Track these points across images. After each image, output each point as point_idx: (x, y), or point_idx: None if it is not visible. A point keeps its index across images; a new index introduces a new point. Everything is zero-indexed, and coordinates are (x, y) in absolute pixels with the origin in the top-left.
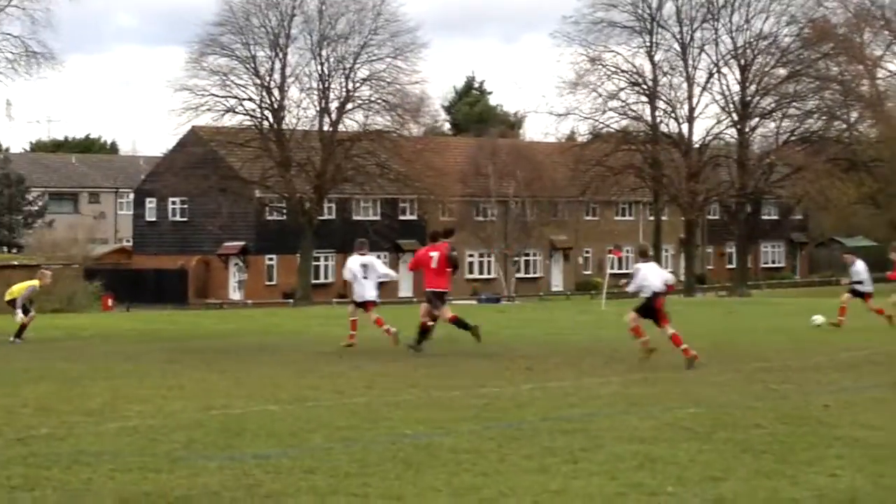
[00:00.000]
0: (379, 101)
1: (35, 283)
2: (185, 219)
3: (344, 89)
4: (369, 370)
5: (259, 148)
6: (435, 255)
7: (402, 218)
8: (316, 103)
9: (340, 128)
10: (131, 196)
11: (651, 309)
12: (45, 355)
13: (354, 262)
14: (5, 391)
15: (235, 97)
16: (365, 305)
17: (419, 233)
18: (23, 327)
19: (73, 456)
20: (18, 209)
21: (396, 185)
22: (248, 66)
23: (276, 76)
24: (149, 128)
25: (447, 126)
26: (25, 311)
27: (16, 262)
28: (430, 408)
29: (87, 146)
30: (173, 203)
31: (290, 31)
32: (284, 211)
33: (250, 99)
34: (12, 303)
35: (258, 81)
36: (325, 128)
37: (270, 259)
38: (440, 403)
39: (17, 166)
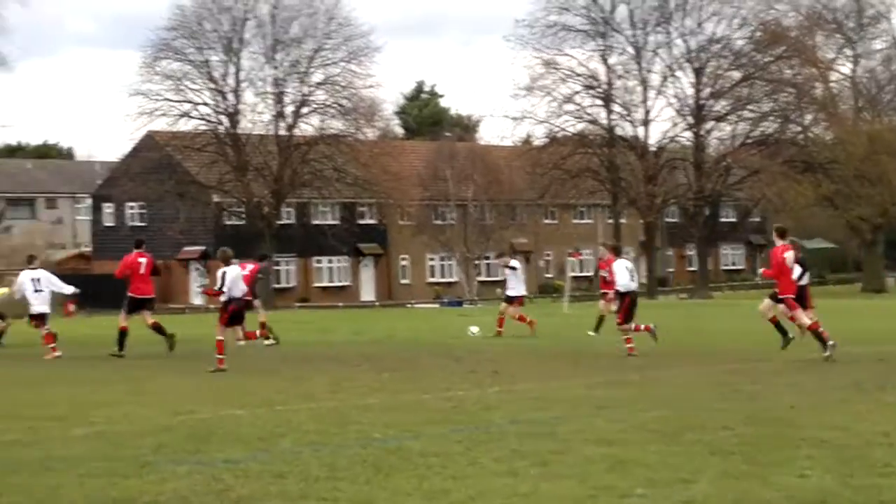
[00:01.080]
0: (334, 105)
1: (5, 290)
2: (143, 224)
3: (299, 93)
4: (335, 374)
5: (215, 152)
6: (143, 261)
7: (361, 222)
8: (271, 107)
9: (296, 132)
10: (88, 201)
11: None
12: (6, 361)
13: (26, 276)
14: None
15: (190, 101)
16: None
17: (380, 237)
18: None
19: (41, 462)
20: None
21: (354, 190)
22: (201, 70)
23: (231, 80)
24: (104, 132)
25: (400, 131)
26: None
27: None
28: (398, 411)
29: (44, 152)
30: (131, 208)
31: (242, 36)
32: (243, 215)
33: (205, 103)
34: None
35: (212, 86)
36: (281, 132)
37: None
38: (408, 407)
39: None
